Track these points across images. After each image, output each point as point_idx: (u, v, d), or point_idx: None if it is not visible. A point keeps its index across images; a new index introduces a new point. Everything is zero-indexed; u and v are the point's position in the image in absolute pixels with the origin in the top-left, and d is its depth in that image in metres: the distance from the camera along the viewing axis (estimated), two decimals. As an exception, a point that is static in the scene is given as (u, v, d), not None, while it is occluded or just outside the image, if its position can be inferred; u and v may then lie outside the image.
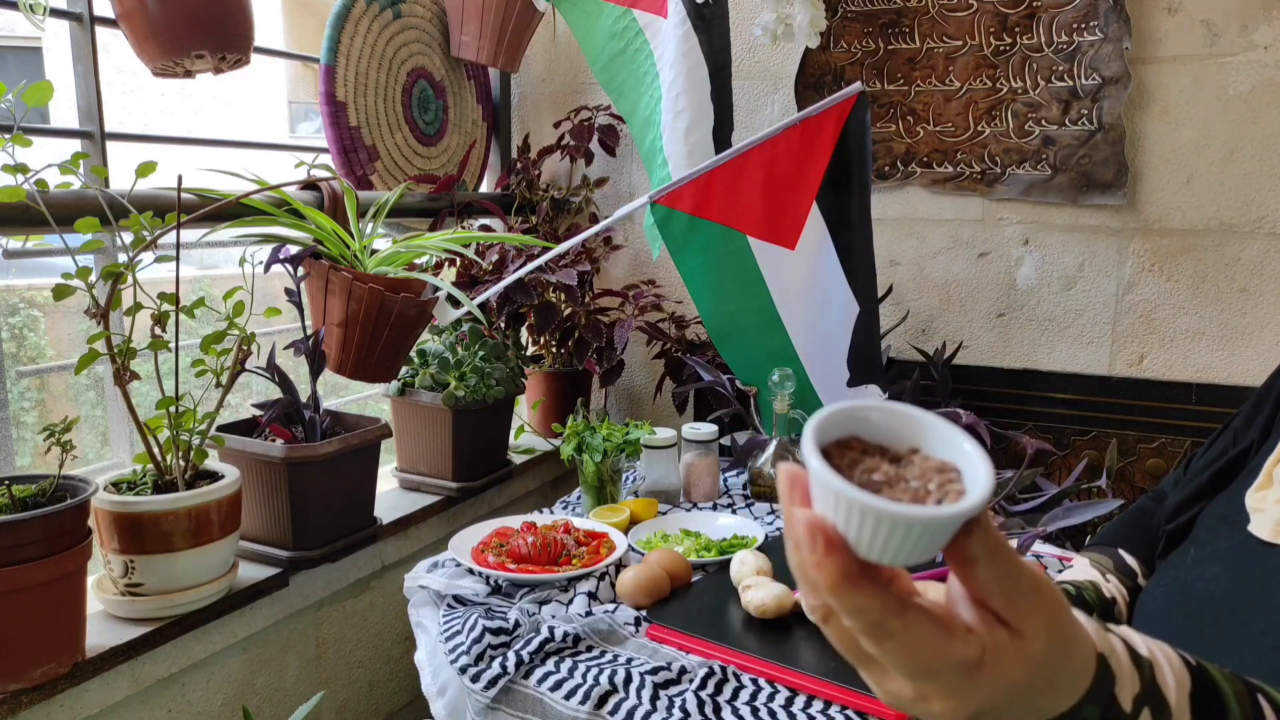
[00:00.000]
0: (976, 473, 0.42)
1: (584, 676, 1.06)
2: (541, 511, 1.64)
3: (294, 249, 1.53)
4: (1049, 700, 0.46)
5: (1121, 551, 1.03)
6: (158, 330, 1.26)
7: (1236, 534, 0.82)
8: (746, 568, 1.25)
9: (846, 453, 0.45)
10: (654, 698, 1.02)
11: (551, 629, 1.14)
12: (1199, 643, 0.77)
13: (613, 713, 1.01)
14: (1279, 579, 0.73)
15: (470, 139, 2.28)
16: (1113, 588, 0.98)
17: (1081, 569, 1.02)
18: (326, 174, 1.63)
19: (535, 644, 1.11)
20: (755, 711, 1.01)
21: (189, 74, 1.53)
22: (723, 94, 1.79)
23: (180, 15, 1.44)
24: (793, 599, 1.16)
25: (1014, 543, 1.28)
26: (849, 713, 1.00)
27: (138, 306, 1.24)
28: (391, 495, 1.88)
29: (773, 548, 1.41)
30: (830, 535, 0.42)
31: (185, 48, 1.46)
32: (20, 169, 1.14)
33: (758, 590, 1.18)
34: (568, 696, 1.03)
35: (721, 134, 1.80)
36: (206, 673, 1.41)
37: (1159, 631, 0.72)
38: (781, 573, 1.25)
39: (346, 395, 2.45)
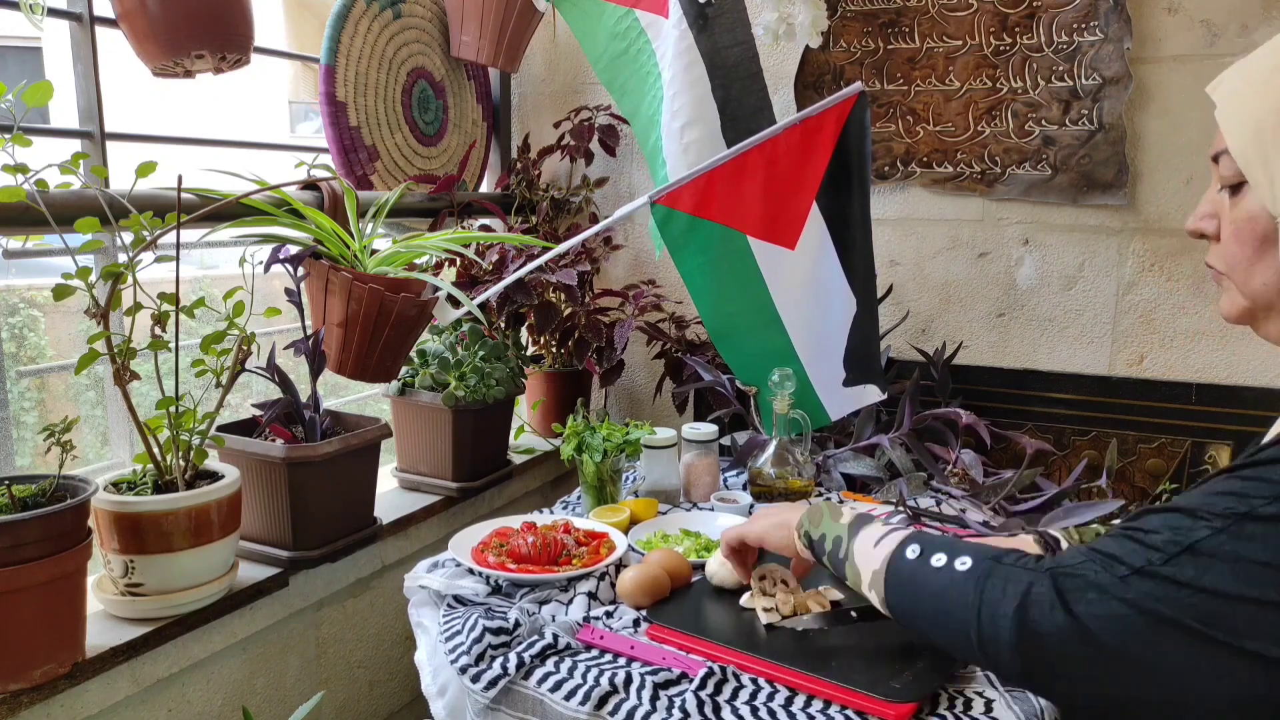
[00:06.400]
0: None
1: (584, 677, 1.06)
2: (541, 511, 1.64)
3: (294, 249, 1.53)
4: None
5: None
6: (158, 330, 1.26)
7: None
8: (725, 568, 1.26)
9: None
10: (654, 698, 1.02)
11: (556, 635, 1.14)
12: None
13: (613, 713, 1.01)
14: None
15: (470, 139, 2.28)
16: None
17: None
18: (326, 174, 1.63)
19: (538, 648, 1.11)
20: (755, 711, 1.01)
21: (189, 74, 1.53)
22: (731, 91, 1.77)
23: (180, 15, 1.44)
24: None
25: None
26: (849, 713, 1.00)
27: (138, 306, 1.23)
28: (391, 495, 1.88)
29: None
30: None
31: (185, 48, 1.46)
32: (20, 169, 1.14)
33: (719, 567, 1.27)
34: (568, 697, 1.03)
35: (735, 130, 1.76)
36: (206, 673, 1.41)
37: None
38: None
39: (346, 395, 2.45)
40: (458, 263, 1.98)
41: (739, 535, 1.19)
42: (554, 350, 2.19)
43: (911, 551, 0.91)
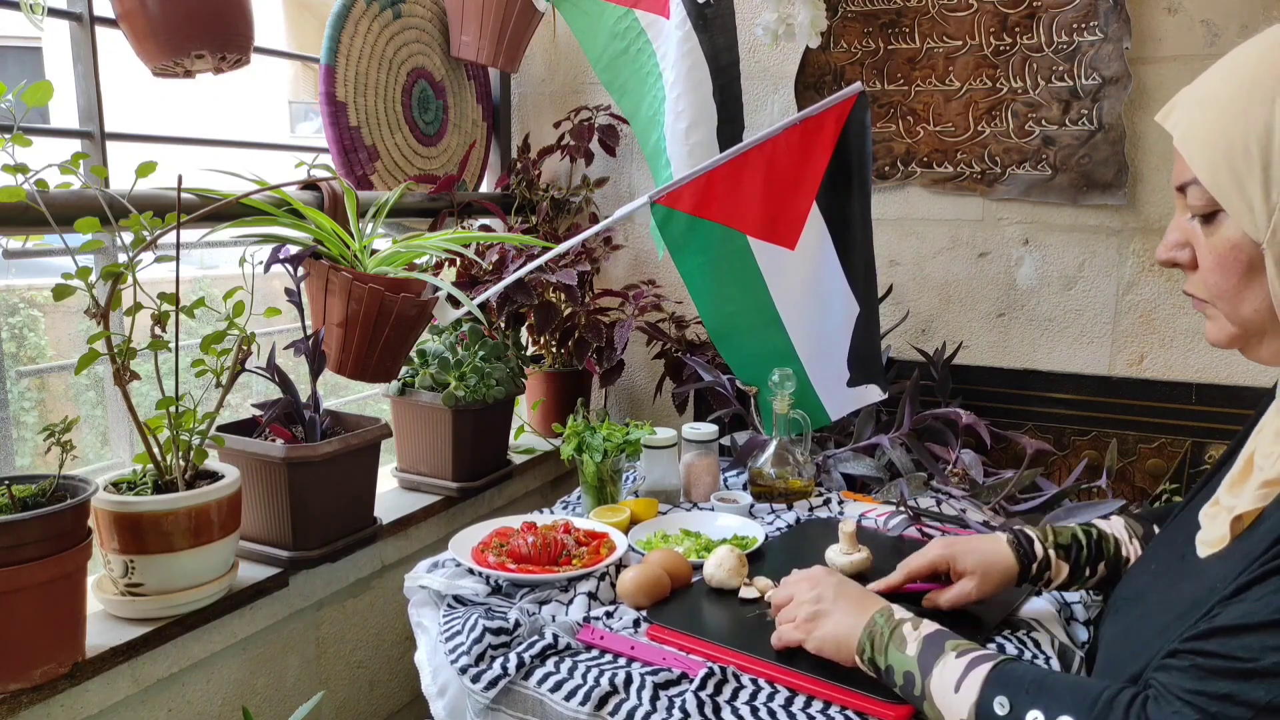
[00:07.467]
0: None
1: (584, 677, 1.06)
2: (541, 511, 1.64)
3: (294, 249, 1.53)
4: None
5: (1155, 526, 1.17)
6: (158, 330, 1.26)
7: (1186, 542, 0.91)
8: (723, 569, 1.26)
9: None
10: (654, 698, 1.02)
11: (556, 635, 1.14)
12: (1121, 625, 0.96)
13: (613, 713, 1.01)
14: (1189, 585, 0.83)
15: (470, 139, 2.28)
16: (1130, 548, 1.15)
17: (1116, 525, 1.18)
18: (326, 174, 1.63)
19: (538, 648, 1.11)
20: (755, 711, 1.01)
21: (189, 74, 1.53)
22: (727, 92, 1.78)
23: (180, 15, 1.44)
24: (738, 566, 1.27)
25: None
26: (849, 713, 1.00)
27: (138, 306, 1.23)
28: (391, 495, 1.88)
29: (770, 548, 1.42)
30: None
31: (185, 48, 1.46)
32: (20, 169, 1.14)
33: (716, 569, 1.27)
34: (568, 697, 1.03)
35: (729, 132, 1.79)
36: (206, 673, 1.41)
37: (1108, 614, 1.01)
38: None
39: (346, 395, 2.46)
40: (458, 263, 1.98)
41: (791, 645, 1.08)
42: (554, 350, 2.19)
43: (1000, 706, 0.85)
